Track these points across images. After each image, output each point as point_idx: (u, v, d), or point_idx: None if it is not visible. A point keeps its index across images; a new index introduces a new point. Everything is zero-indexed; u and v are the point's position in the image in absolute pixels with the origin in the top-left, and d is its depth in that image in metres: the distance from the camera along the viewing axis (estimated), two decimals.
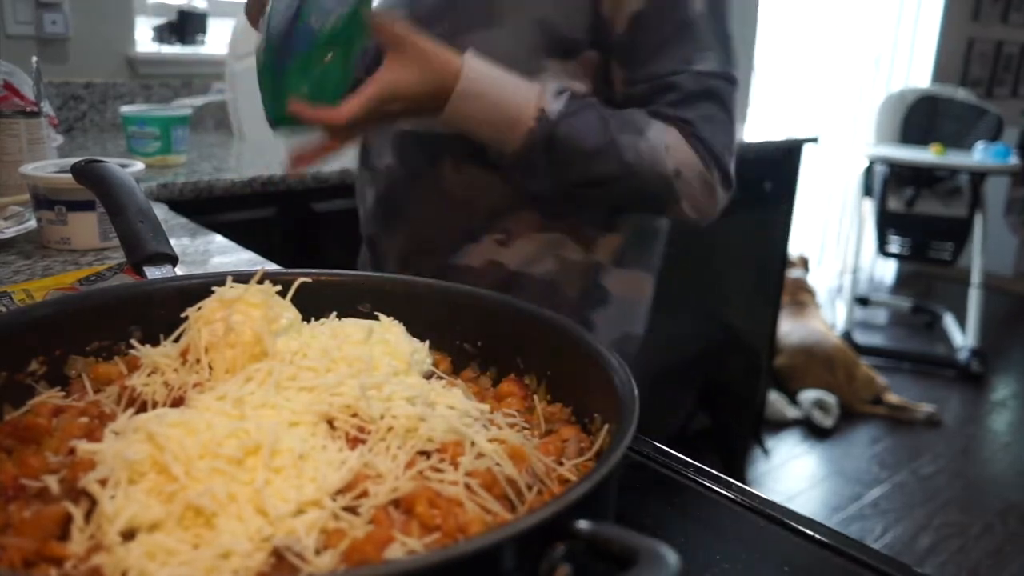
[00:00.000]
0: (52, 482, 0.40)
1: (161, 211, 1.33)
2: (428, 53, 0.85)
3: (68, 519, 0.38)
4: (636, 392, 0.45)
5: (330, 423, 0.45)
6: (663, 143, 0.91)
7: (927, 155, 3.73)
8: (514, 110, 0.87)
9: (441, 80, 0.85)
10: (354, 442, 0.43)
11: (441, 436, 0.43)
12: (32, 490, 0.40)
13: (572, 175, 0.92)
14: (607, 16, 0.92)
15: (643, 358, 1.10)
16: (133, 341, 0.55)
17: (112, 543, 0.36)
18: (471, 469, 0.41)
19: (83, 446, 0.42)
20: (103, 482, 0.39)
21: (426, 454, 0.42)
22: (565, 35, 0.93)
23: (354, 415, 0.45)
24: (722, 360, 2.57)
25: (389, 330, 0.54)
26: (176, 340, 0.53)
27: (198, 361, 0.50)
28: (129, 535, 0.37)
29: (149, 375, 0.50)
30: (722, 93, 0.92)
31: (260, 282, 0.54)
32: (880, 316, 4.36)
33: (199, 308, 0.52)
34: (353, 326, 0.54)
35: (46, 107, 1.29)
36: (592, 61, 0.95)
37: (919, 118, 4.18)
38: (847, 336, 3.63)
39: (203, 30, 2.36)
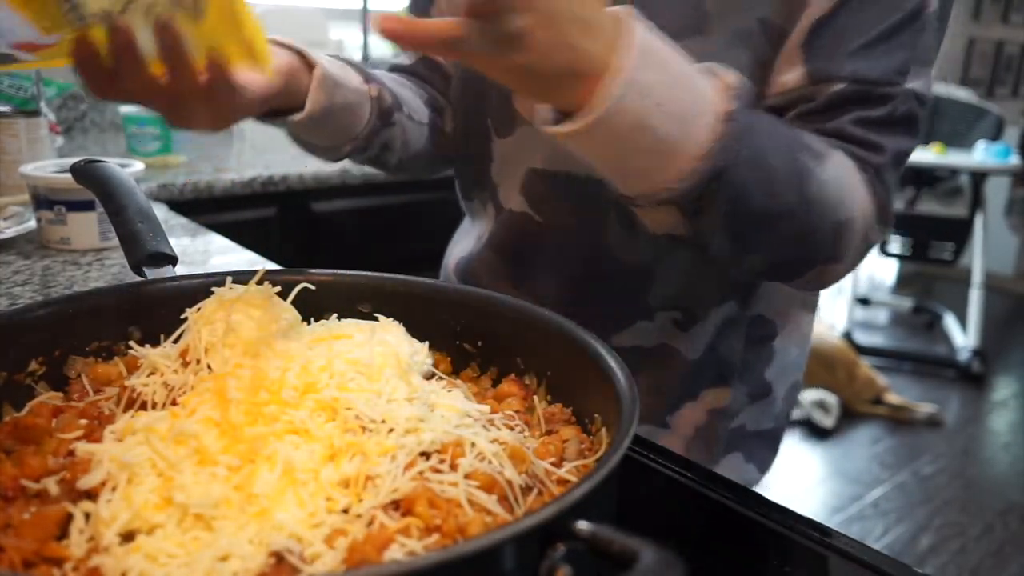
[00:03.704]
0: (51, 484, 0.40)
1: (161, 211, 1.33)
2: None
3: (67, 520, 0.38)
4: (636, 393, 0.45)
5: (331, 424, 0.45)
6: (845, 181, 0.65)
7: (928, 155, 3.73)
8: (701, 86, 0.56)
9: (611, 22, 0.52)
10: (354, 444, 0.43)
11: (441, 437, 0.43)
12: (32, 491, 0.40)
13: (751, 203, 0.60)
14: None
15: None
16: (132, 342, 0.55)
17: (111, 544, 0.36)
18: (471, 470, 0.41)
19: (82, 447, 0.42)
20: (102, 484, 0.39)
21: (426, 455, 0.42)
22: (785, 31, 0.68)
23: (355, 417, 0.45)
24: None
25: (389, 331, 0.54)
26: (176, 341, 0.53)
27: (198, 362, 0.49)
28: (129, 536, 0.37)
29: (148, 376, 0.50)
30: (920, 127, 0.69)
31: (260, 283, 0.54)
32: (881, 316, 4.35)
33: (199, 309, 0.52)
34: (353, 327, 0.54)
35: (44, 109, 1.29)
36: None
37: None
38: (848, 336, 3.63)
39: None
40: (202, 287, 0.56)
